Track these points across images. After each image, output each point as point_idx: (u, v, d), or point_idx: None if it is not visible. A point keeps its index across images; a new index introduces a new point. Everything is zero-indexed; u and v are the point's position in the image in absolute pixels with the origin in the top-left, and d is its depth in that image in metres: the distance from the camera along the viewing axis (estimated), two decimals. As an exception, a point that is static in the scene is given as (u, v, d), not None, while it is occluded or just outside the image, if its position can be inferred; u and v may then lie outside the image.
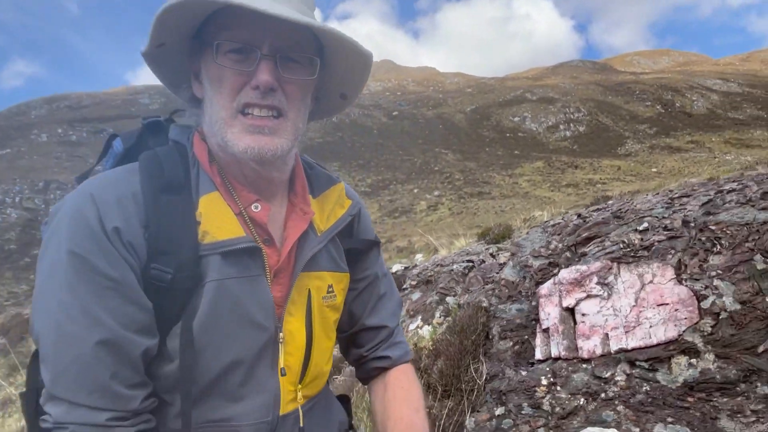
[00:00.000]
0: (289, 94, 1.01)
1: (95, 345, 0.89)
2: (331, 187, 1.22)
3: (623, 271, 2.59)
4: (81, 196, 0.95)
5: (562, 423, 2.51)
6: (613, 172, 58.04)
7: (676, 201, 2.76)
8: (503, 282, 3.14)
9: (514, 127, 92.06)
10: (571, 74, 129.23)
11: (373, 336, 1.30)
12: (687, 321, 2.30)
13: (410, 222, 42.24)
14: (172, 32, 0.98)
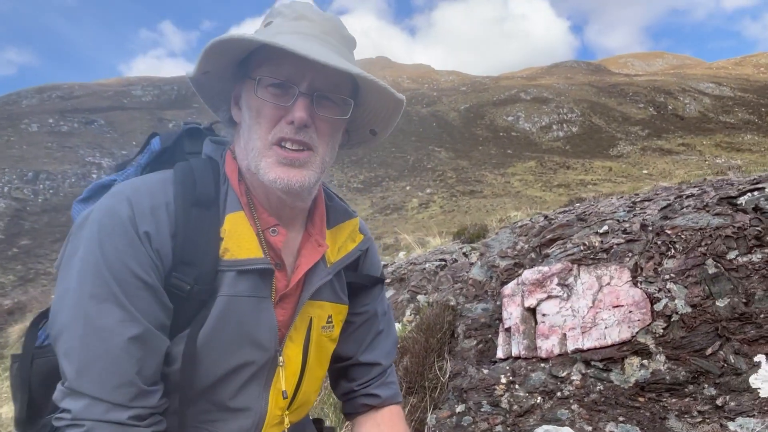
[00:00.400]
0: (320, 130, 1.06)
1: (128, 340, 0.93)
2: (346, 221, 1.26)
3: (583, 272, 2.64)
4: (117, 198, 1.00)
5: (519, 421, 2.56)
6: (604, 173, 58.34)
7: (638, 205, 2.81)
8: (470, 281, 3.18)
9: (508, 126, 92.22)
10: (565, 75, 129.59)
11: (365, 372, 1.32)
12: (640, 323, 2.35)
13: (402, 219, 42.27)
14: (218, 61, 1.04)
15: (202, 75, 1.08)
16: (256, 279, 1.07)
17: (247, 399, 1.09)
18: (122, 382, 0.93)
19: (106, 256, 0.95)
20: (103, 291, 0.94)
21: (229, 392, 1.07)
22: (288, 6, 1.10)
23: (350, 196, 58.00)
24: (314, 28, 1.07)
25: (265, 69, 1.03)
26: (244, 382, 1.08)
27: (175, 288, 1.01)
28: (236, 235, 1.06)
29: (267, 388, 1.12)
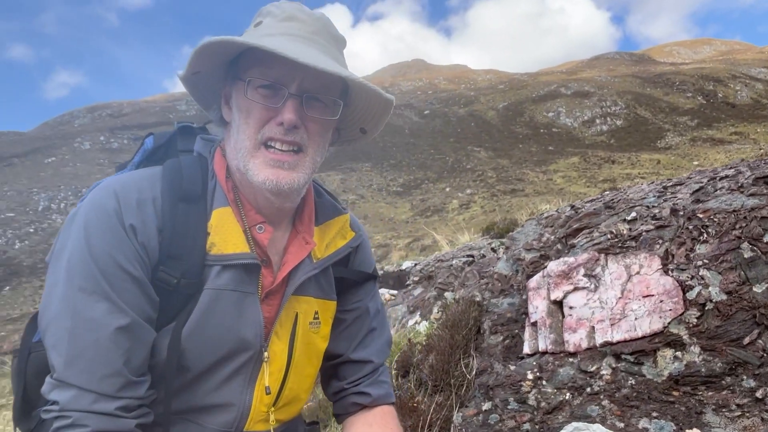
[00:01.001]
0: (310, 131, 1.07)
1: (115, 330, 0.94)
2: (335, 218, 1.26)
3: (610, 262, 2.52)
4: (105, 192, 1.02)
5: (547, 418, 2.46)
6: (652, 166, 56.40)
7: (669, 189, 2.67)
8: (496, 276, 3.09)
9: (548, 122, 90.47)
10: (607, 67, 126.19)
11: (356, 370, 1.30)
12: (672, 312, 2.22)
13: (442, 221, 41.99)
14: (208, 62, 1.06)
15: (192, 75, 1.08)
16: (241, 274, 1.07)
17: (230, 393, 1.09)
18: (109, 372, 0.93)
19: (92, 249, 0.96)
20: (90, 283, 0.95)
21: (213, 385, 1.07)
22: (277, 6, 1.10)
23: (390, 199, 58.10)
24: (303, 29, 1.07)
25: (255, 70, 1.04)
26: (228, 376, 1.08)
27: (162, 282, 1.02)
28: (223, 230, 1.07)
29: (252, 384, 1.11)
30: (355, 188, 62.90)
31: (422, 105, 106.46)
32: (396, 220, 49.36)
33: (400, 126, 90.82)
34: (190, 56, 1.02)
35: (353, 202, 58.43)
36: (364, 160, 72.44)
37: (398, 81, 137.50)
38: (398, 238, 34.03)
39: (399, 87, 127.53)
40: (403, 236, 34.68)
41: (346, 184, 64.42)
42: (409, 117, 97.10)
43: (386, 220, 49.60)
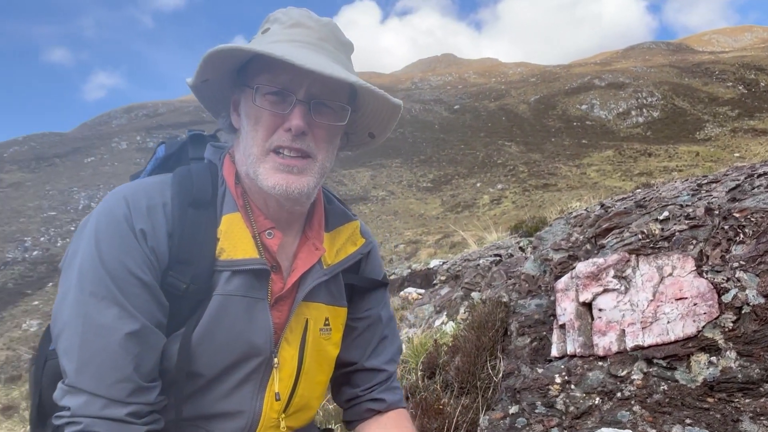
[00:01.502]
0: (318, 137, 1.08)
1: (125, 336, 0.95)
2: (345, 224, 1.27)
3: (642, 263, 2.44)
4: (115, 198, 1.03)
5: (576, 423, 2.40)
6: (690, 159, 54.72)
7: (703, 187, 2.56)
8: (523, 276, 3.04)
9: (582, 115, 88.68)
10: (643, 57, 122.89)
11: (370, 377, 1.31)
12: (706, 316, 2.14)
13: (473, 217, 41.65)
14: (216, 69, 1.07)
15: (201, 83, 1.09)
16: (251, 279, 1.07)
17: (241, 400, 1.09)
18: (120, 377, 0.94)
19: (102, 255, 0.97)
20: (101, 289, 0.96)
21: (223, 392, 1.07)
22: (285, 13, 1.10)
23: (420, 195, 57.94)
24: (310, 35, 1.07)
25: (263, 78, 1.04)
26: (238, 382, 1.08)
27: (171, 287, 1.02)
28: (232, 236, 1.07)
29: (262, 390, 1.11)
30: (384, 184, 62.93)
31: (452, 100, 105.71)
32: (426, 216, 49.20)
33: (429, 121, 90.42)
34: (199, 64, 1.03)
35: (383, 198, 58.49)
36: (393, 156, 72.39)
37: (428, 76, 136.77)
38: (428, 234, 33.91)
39: (428, 82, 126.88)
40: (433, 232, 34.53)
41: (375, 180, 64.52)
42: (438, 112, 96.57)
43: (416, 216, 49.49)
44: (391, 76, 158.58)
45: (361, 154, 66.26)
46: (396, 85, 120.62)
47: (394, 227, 46.24)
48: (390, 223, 48.85)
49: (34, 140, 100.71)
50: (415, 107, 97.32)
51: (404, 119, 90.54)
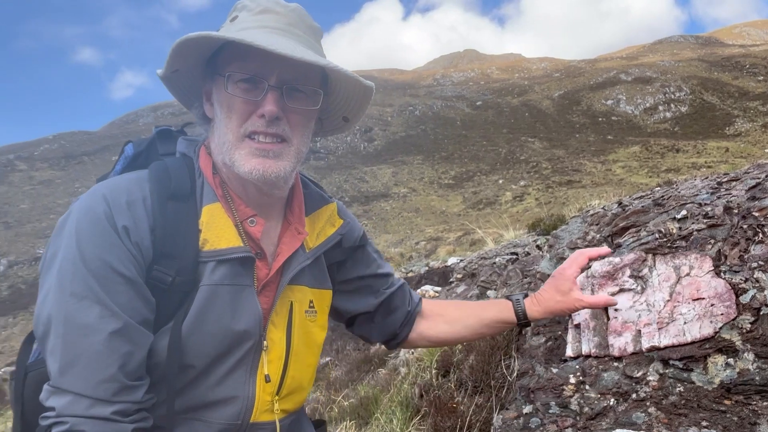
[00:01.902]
0: (292, 121, 1.08)
1: (109, 335, 0.94)
2: (323, 206, 1.28)
3: (659, 263, 2.40)
4: (94, 196, 1.03)
5: (590, 424, 2.38)
6: (720, 155, 53.45)
7: (723, 186, 2.51)
8: (539, 275, 3.01)
9: (607, 110, 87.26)
10: (671, 51, 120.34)
11: (402, 297, 1.44)
12: (724, 317, 2.10)
13: (495, 213, 41.37)
14: (186, 59, 1.08)
15: (172, 73, 1.09)
16: (236, 267, 1.08)
17: (234, 386, 1.09)
18: (104, 377, 0.94)
19: (83, 254, 0.97)
20: (82, 288, 0.95)
21: (215, 380, 1.07)
22: (252, 0, 1.10)
23: (441, 192, 57.75)
24: (279, 21, 1.07)
25: (234, 65, 1.04)
26: (230, 368, 1.08)
27: (157, 281, 1.02)
28: (214, 226, 1.07)
29: (253, 374, 1.11)
30: (406, 181, 62.87)
31: (474, 96, 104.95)
32: (448, 212, 49.02)
33: (451, 118, 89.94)
34: (169, 54, 1.03)
35: (404, 195, 58.44)
36: (415, 152, 72.23)
37: (450, 72, 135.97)
38: (449, 231, 33.79)
39: (450, 78, 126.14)
40: (454, 229, 34.39)
41: (397, 177, 64.48)
42: (460, 108, 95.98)
43: (438, 213, 49.34)
44: (413, 72, 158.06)
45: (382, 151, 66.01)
46: (418, 82, 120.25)
47: (415, 224, 46.18)
48: (411, 219, 48.79)
49: (63, 138, 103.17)
50: (436, 104, 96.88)
51: (426, 116, 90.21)
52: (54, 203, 60.49)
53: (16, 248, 60.12)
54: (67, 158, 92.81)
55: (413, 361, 3.39)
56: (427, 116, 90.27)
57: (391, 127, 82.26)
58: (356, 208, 56.14)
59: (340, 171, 69.33)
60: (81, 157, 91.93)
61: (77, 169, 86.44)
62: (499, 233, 5.78)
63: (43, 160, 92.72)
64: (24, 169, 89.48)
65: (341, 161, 74.55)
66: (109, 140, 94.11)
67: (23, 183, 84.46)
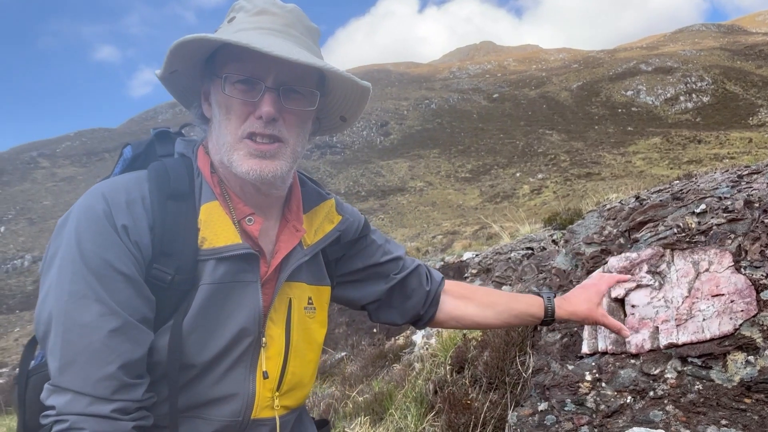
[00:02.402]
0: (289, 122, 1.09)
1: (108, 333, 0.95)
2: (321, 203, 1.28)
3: (677, 258, 2.35)
4: (93, 195, 1.04)
5: (607, 422, 2.35)
6: (743, 146, 52.33)
7: (744, 179, 2.45)
8: (554, 271, 2.97)
9: (627, 101, 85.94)
10: (692, 40, 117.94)
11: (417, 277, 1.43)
12: (744, 314, 2.05)
13: (512, 207, 41.07)
14: (184, 61, 1.09)
15: (170, 74, 1.10)
16: (239, 264, 1.08)
17: (234, 383, 1.09)
18: (104, 375, 0.94)
19: (83, 252, 0.97)
20: (82, 287, 0.96)
21: (216, 377, 1.07)
22: (249, 1, 1.10)
23: (458, 185, 57.48)
24: (276, 22, 1.07)
25: (231, 66, 1.05)
26: (230, 366, 1.09)
27: (156, 279, 1.03)
28: (212, 224, 1.08)
29: (253, 370, 1.11)
30: (422, 175, 62.70)
31: (491, 88, 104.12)
32: (465, 206, 48.80)
33: (468, 111, 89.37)
34: (166, 55, 1.04)
35: (421, 189, 58.29)
36: (431, 146, 71.97)
37: (466, 65, 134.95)
38: (466, 225, 33.65)
39: (467, 71, 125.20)
40: (471, 223, 34.24)
41: (413, 171, 64.35)
42: (477, 101, 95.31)
43: (455, 207, 49.15)
44: (428, 65, 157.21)
45: (398, 145, 65.89)
46: (434, 75, 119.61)
47: (432, 218, 46.08)
48: (428, 214, 48.68)
49: (84, 136, 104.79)
50: (453, 97, 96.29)
51: (442, 109, 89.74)
52: (76, 199, 61.44)
53: (40, 244, 61.35)
54: (88, 155, 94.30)
55: (428, 357, 3.38)
56: (444, 109, 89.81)
57: (407, 120, 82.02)
58: (372, 203, 56.16)
59: (357, 165, 69.39)
60: (102, 153, 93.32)
61: (98, 165, 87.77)
62: (516, 228, 5.71)
63: (65, 157, 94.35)
64: (47, 166, 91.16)
65: (357, 156, 74.60)
66: (129, 137, 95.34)
67: (46, 180, 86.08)
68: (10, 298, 51.51)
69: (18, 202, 76.86)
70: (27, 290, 51.18)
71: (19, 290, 53.00)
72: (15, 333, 40.88)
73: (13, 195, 79.40)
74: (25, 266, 58.34)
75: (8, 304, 49.96)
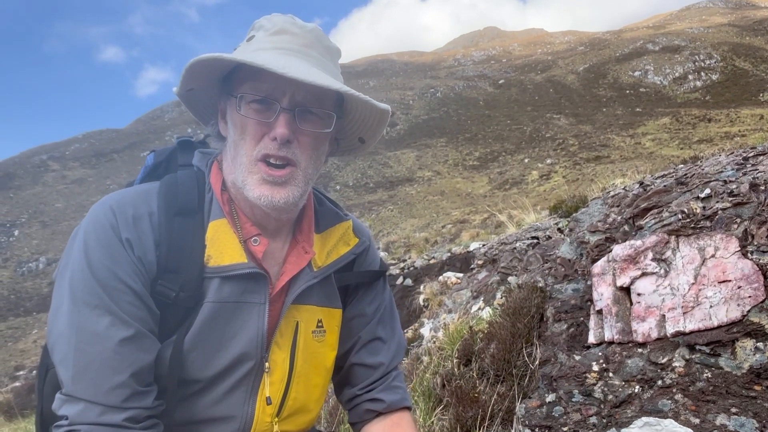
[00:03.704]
0: (303, 144, 1.07)
1: (119, 342, 0.96)
2: (336, 224, 1.25)
3: (682, 244, 2.31)
4: (102, 207, 1.04)
5: (615, 412, 2.32)
6: (754, 123, 51.54)
7: (749, 161, 2.39)
8: (559, 260, 2.94)
9: (635, 82, 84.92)
10: (699, 17, 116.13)
11: (367, 375, 1.27)
12: (752, 299, 2.01)
13: (522, 194, 40.84)
14: (201, 79, 1.08)
15: (187, 92, 1.10)
16: (244, 284, 1.07)
17: (232, 405, 1.09)
18: (115, 384, 0.95)
19: (92, 264, 0.98)
20: (92, 298, 0.97)
21: (215, 398, 1.07)
22: (269, 20, 1.09)
23: (466, 174, 57.26)
24: (294, 42, 1.06)
25: (247, 86, 1.04)
26: (230, 387, 1.08)
27: (161, 295, 1.03)
28: (218, 242, 1.07)
29: (254, 395, 1.10)
30: (430, 164, 62.50)
31: (496, 74, 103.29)
32: (474, 194, 48.62)
33: (474, 98, 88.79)
34: (182, 74, 1.03)
35: (429, 178, 58.12)
36: (438, 135, 71.66)
37: (470, 52, 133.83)
38: (476, 214, 33.54)
39: (471, 58, 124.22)
40: (480, 211, 34.11)
41: (421, 161, 64.14)
42: (482, 88, 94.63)
43: (463, 196, 48.99)
44: (432, 54, 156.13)
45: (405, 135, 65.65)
46: (438, 63, 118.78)
47: (441, 207, 45.96)
48: (437, 203, 48.56)
49: (92, 137, 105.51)
50: (458, 84, 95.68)
51: (448, 97, 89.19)
52: (87, 201, 62.16)
53: (54, 246, 62.05)
54: (97, 156, 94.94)
55: (435, 351, 3.37)
56: (449, 98, 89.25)
57: (413, 110, 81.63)
58: (381, 194, 56.11)
59: (364, 157, 69.24)
60: (111, 154, 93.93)
61: (108, 166, 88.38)
62: (522, 217, 5.64)
63: (74, 159, 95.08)
64: (57, 169, 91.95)
65: (364, 147, 74.20)
66: (136, 137, 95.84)
67: (57, 182, 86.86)
68: (27, 301, 52.21)
69: (30, 205, 77.69)
70: (43, 292, 51.84)
71: (36, 293, 53.68)
72: (33, 335, 41.48)
73: (25, 199, 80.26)
74: (40, 269, 59.05)
75: (25, 307, 50.65)
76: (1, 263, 61.76)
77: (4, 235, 68.74)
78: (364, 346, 1.28)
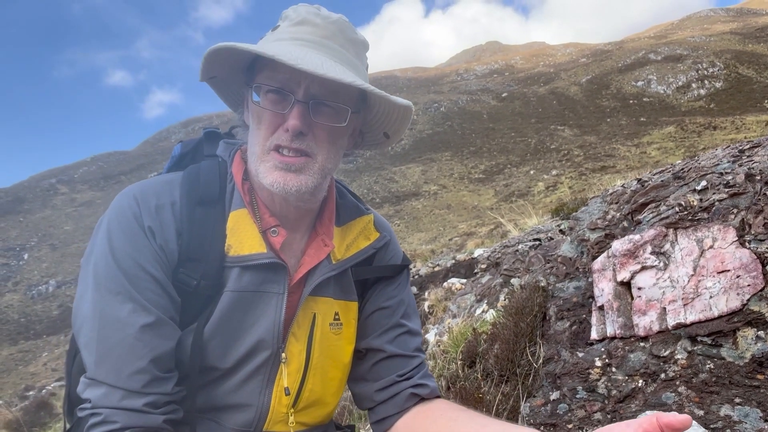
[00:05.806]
0: (319, 137, 1.06)
1: (141, 328, 0.98)
2: (357, 218, 1.25)
3: (680, 237, 2.32)
4: (126, 196, 1.07)
5: (619, 407, 2.31)
6: (760, 129, 51.37)
7: (745, 153, 2.40)
8: (560, 259, 2.95)
9: (638, 92, 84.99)
10: (701, 26, 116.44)
11: (404, 364, 1.23)
12: (751, 288, 2.01)
13: (528, 205, 40.73)
14: (221, 67, 1.09)
15: (210, 79, 1.11)
16: (264, 274, 1.08)
17: (249, 394, 1.10)
18: (137, 369, 0.97)
19: (115, 252, 1.00)
20: (116, 285, 0.99)
21: (232, 386, 1.08)
22: (294, 10, 1.09)
23: (472, 187, 57.25)
24: (315, 33, 1.05)
25: (263, 76, 1.05)
26: (247, 376, 1.09)
27: (182, 283, 1.04)
28: (238, 232, 1.08)
29: (270, 384, 1.11)
30: (436, 178, 62.56)
31: (499, 88, 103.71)
32: (480, 207, 48.56)
33: (477, 111, 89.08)
34: (201, 62, 1.05)
35: (435, 192, 58.14)
36: (443, 149, 71.83)
37: (473, 66, 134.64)
38: (482, 226, 33.46)
39: (474, 72, 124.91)
40: (487, 223, 34.04)
41: (426, 175, 64.23)
42: (486, 101, 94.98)
43: (470, 208, 48.94)
44: (435, 69, 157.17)
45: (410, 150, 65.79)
46: (441, 78, 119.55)
47: (448, 221, 45.91)
48: (444, 216, 48.53)
49: (101, 160, 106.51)
50: (462, 98, 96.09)
51: (452, 111, 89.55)
52: (96, 223, 62.68)
53: (63, 269, 62.40)
54: (105, 179, 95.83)
55: (439, 354, 3.36)
56: (453, 112, 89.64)
57: (417, 125, 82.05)
58: (387, 209, 56.13)
59: (370, 173, 69.51)
60: (119, 176, 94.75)
61: (116, 189, 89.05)
62: (524, 221, 5.65)
63: (83, 182, 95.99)
64: (66, 192, 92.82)
65: (370, 163, 74.75)
66: (144, 159, 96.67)
67: (65, 205, 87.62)
68: (37, 324, 52.39)
69: (40, 228, 78.32)
70: (53, 315, 52.02)
71: (45, 315, 53.89)
72: (43, 357, 41.54)
73: (34, 222, 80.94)
74: (49, 291, 59.32)
75: (35, 330, 50.81)
76: (12, 287, 62.10)
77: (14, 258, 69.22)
78: (396, 337, 1.25)
